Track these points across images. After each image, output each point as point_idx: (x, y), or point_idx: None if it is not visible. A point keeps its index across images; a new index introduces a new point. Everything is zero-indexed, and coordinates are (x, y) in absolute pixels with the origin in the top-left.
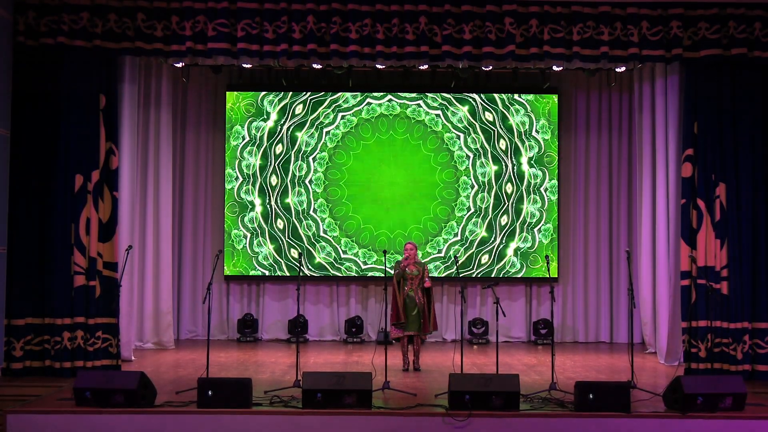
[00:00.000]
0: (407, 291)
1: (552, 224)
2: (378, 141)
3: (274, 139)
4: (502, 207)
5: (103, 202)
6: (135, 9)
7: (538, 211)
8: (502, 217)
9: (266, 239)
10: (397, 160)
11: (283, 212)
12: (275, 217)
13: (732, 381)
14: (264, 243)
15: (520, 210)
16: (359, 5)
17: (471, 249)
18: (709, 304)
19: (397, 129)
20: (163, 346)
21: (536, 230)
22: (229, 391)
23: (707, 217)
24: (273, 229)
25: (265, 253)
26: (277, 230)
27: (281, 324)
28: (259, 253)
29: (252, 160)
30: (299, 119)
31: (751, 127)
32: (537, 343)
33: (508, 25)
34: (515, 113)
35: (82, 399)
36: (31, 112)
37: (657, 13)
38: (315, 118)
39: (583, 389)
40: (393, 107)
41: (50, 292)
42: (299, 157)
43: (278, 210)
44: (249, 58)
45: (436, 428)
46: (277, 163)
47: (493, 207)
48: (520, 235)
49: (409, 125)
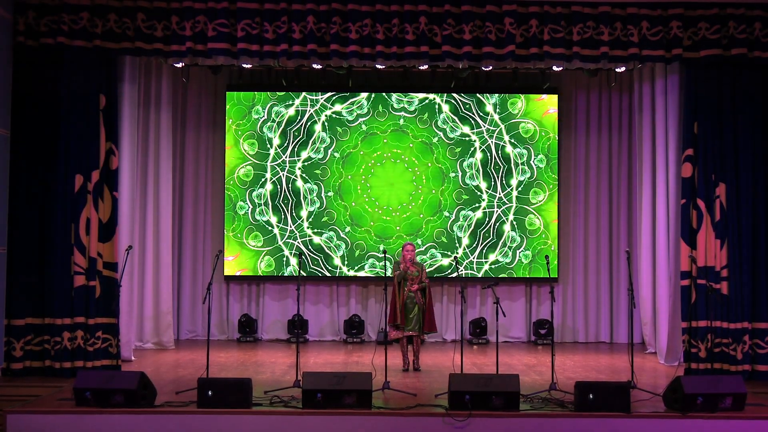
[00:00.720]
0: (407, 292)
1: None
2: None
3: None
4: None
5: (103, 202)
6: (135, 9)
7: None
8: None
9: (269, 209)
10: (402, 165)
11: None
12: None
13: (732, 381)
14: (266, 212)
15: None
16: (359, 5)
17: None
18: (709, 304)
19: (407, 133)
20: (163, 346)
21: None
22: (229, 391)
23: (707, 217)
24: (278, 203)
25: (268, 219)
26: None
27: (281, 324)
28: (259, 221)
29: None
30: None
31: (751, 127)
32: (537, 343)
33: (508, 25)
34: (513, 146)
35: (82, 399)
36: (31, 112)
37: (657, 13)
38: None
39: (583, 389)
40: (401, 105)
41: (50, 292)
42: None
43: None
44: (249, 58)
45: (436, 428)
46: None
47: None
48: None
49: (418, 129)
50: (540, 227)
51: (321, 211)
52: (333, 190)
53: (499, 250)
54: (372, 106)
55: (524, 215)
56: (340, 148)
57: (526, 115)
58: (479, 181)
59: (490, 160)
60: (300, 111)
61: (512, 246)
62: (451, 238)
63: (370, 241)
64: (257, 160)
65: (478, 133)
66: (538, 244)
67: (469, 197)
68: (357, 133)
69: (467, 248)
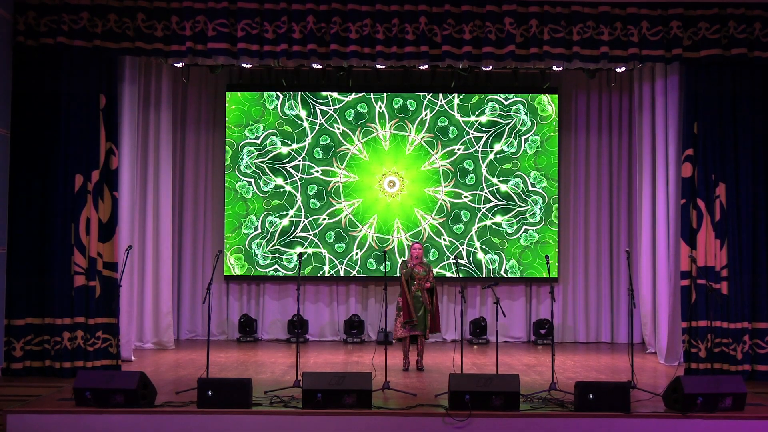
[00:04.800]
0: (414, 291)
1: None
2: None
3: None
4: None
5: (103, 202)
6: (135, 9)
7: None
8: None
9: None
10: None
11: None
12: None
13: (732, 381)
14: (271, 180)
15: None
16: (359, 5)
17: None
18: (709, 304)
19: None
20: (163, 346)
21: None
22: (229, 391)
23: (707, 217)
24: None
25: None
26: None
27: (281, 324)
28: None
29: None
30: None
31: (751, 127)
32: (537, 343)
33: (508, 25)
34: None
35: (82, 399)
36: (31, 112)
37: (657, 13)
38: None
39: (583, 389)
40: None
41: (50, 292)
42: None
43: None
44: (249, 58)
45: (436, 428)
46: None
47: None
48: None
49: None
50: (551, 114)
51: (319, 210)
52: (331, 189)
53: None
54: (372, 106)
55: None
56: (339, 149)
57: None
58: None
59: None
60: (299, 111)
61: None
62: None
63: (371, 241)
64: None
65: (478, 134)
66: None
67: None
68: (357, 133)
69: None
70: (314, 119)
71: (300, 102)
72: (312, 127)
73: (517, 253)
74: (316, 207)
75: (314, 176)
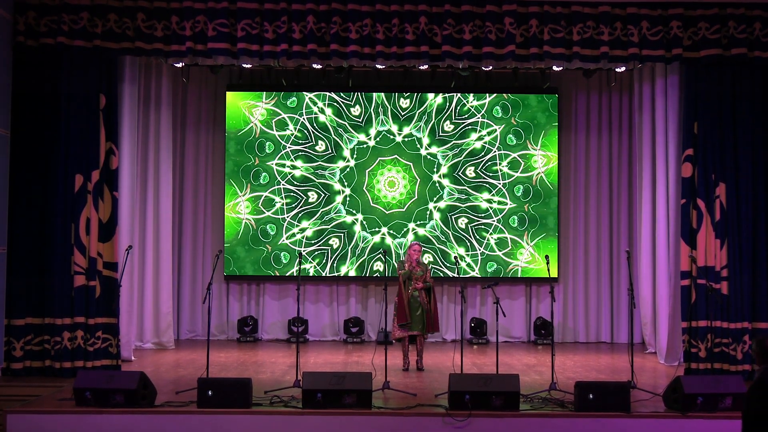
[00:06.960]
0: (411, 291)
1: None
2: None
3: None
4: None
5: (103, 202)
6: (135, 9)
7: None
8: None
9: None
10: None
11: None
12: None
13: (732, 381)
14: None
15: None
16: (359, 5)
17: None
18: (709, 304)
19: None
20: (163, 346)
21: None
22: (229, 391)
23: (707, 217)
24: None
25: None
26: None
27: (281, 324)
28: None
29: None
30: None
31: (751, 127)
32: (537, 343)
33: (508, 25)
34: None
35: (82, 399)
36: (31, 112)
37: (657, 13)
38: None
39: (583, 389)
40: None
41: (50, 292)
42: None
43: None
44: (249, 58)
45: (436, 428)
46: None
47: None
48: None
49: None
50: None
51: (320, 210)
52: (331, 189)
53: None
54: (371, 106)
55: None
56: (339, 147)
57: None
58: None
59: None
60: (299, 111)
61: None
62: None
63: (371, 240)
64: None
65: (478, 134)
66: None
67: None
68: (357, 132)
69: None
70: (314, 119)
71: (300, 102)
72: (312, 127)
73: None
74: (316, 207)
75: (314, 176)
